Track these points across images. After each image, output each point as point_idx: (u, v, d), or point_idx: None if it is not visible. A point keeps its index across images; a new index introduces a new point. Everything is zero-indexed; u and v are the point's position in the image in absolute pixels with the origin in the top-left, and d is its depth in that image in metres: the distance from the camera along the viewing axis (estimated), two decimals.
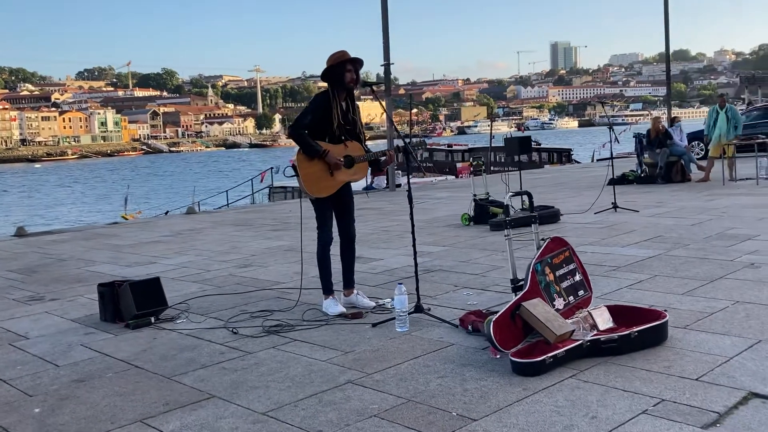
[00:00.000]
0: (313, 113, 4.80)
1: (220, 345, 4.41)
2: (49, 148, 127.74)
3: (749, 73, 25.16)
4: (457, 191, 14.39)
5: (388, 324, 4.58)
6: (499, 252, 6.97)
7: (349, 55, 4.78)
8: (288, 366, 3.93)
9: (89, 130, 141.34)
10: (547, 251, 4.15)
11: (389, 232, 8.90)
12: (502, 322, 3.72)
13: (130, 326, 4.94)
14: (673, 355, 3.70)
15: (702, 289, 5.01)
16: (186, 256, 8.05)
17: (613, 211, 9.22)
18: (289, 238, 9.01)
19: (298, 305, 5.21)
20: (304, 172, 4.81)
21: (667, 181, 12.57)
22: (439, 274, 6.11)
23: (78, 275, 7.18)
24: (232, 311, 5.23)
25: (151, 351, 4.39)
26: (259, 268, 6.99)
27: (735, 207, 9.09)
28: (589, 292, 4.30)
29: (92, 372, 4.05)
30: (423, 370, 3.71)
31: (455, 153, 31.31)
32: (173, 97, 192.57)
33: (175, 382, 3.79)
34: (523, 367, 3.52)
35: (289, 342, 4.38)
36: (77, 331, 5.00)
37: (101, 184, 60.11)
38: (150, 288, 5.13)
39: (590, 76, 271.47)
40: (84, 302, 5.90)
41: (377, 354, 4.03)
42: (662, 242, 6.89)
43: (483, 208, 8.82)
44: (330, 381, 3.65)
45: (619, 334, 3.72)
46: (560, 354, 3.58)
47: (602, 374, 3.49)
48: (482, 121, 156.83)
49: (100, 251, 8.86)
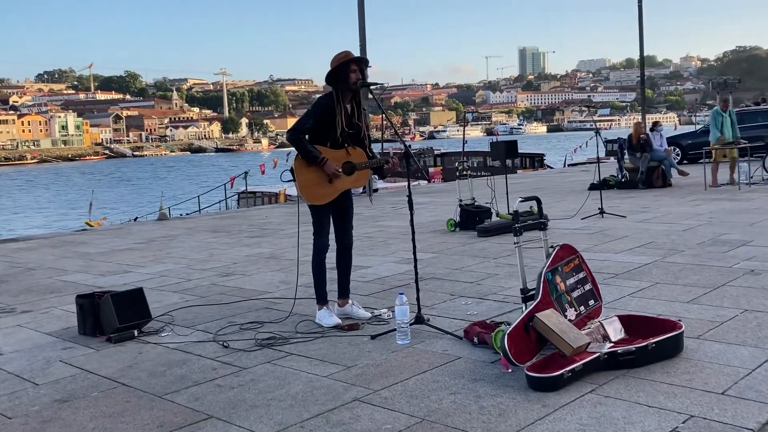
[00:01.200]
0: (316, 118, 4.58)
1: (212, 360, 4.16)
2: (7, 153, 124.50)
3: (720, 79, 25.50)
4: (437, 196, 14.26)
5: (388, 336, 4.38)
6: (490, 259, 6.82)
7: (353, 55, 4.57)
8: (288, 382, 3.70)
9: (49, 133, 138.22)
10: (557, 259, 3.99)
11: (372, 239, 8.69)
12: (516, 334, 3.55)
13: (112, 340, 4.65)
14: (692, 367, 3.56)
15: (707, 296, 4.90)
16: (163, 264, 7.73)
17: (600, 216, 9.16)
18: (268, 245, 8.75)
19: (290, 316, 4.98)
20: (301, 178, 4.58)
21: (648, 186, 12.59)
22: (433, 282, 5.93)
23: (50, 285, 6.83)
24: (219, 323, 4.97)
25: (138, 367, 4.11)
26: (242, 276, 6.72)
27: (721, 212, 9.08)
28: (599, 301, 4.15)
29: (75, 391, 3.77)
30: (433, 386, 3.51)
31: (426, 157, 31.23)
32: (137, 101, 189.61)
33: (167, 401, 3.53)
34: (541, 382, 3.35)
35: (285, 356, 4.14)
36: (55, 345, 4.69)
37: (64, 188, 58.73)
38: (133, 299, 4.84)
39: (558, 81, 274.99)
40: (59, 314, 5.58)
41: (381, 369, 3.82)
42: (656, 248, 6.81)
43: (469, 213, 8.67)
44: (335, 399, 3.43)
45: (636, 346, 3.58)
46: (578, 367, 3.42)
47: (623, 388, 3.33)
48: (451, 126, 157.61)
49: (70, 259, 8.49)
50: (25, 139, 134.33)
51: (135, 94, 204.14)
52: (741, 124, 17.28)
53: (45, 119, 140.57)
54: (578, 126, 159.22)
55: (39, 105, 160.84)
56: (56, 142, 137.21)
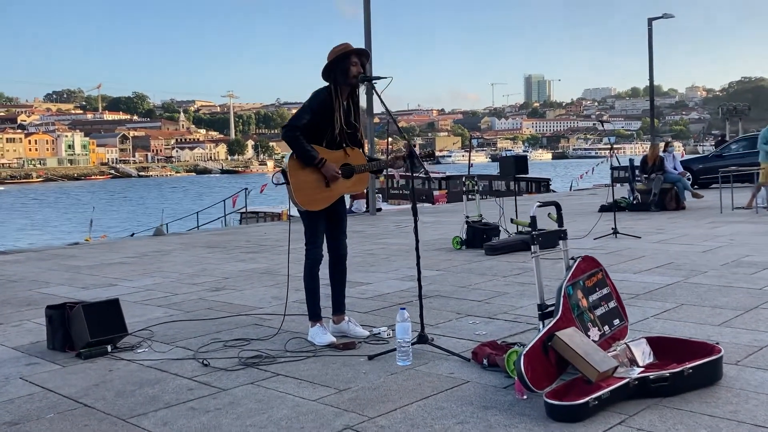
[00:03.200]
0: (313, 112, 4.14)
1: (189, 380, 3.70)
2: (14, 171, 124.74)
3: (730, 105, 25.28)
4: (441, 216, 13.82)
5: (387, 357, 3.92)
6: (500, 277, 6.36)
7: (353, 47, 4.17)
8: (270, 407, 3.23)
9: (56, 152, 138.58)
10: (578, 272, 3.54)
11: (375, 255, 8.25)
12: (533, 355, 3.09)
13: (82, 356, 4.20)
14: (734, 397, 3.10)
15: (739, 319, 4.44)
16: (151, 278, 7.29)
17: (613, 236, 8.70)
18: (264, 260, 8.31)
19: (280, 333, 4.52)
20: (295, 180, 4.14)
21: (661, 209, 12.13)
22: (438, 300, 5.47)
23: (27, 298, 6.39)
24: (202, 339, 4.52)
25: (105, 386, 3.66)
26: (233, 291, 6.28)
27: (742, 234, 8.62)
28: (625, 321, 3.69)
29: (29, 412, 3.31)
30: (437, 414, 3.05)
31: (431, 181, 30.81)
32: (144, 121, 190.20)
33: (131, 425, 3.07)
34: (563, 411, 2.88)
35: (271, 377, 3.69)
36: (18, 361, 4.24)
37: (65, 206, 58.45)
38: (107, 311, 4.40)
39: (564, 109, 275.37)
40: (31, 327, 5.13)
41: (378, 393, 3.36)
42: (677, 269, 6.34)
43: (477, 230, 8.23)
44: (323, 426, 2.97)
45: (670, 371, 3.11)
46: (605, 395, 2.96)
47: (657, 420, 2.86)
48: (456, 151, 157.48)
49: (55, 272, 8.05)
50: (31, 158, 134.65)
51: (142, 115, 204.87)
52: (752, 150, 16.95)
53: (52, 138, 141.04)
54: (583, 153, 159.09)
55: (47, 124, 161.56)
56: (62, 161, 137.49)
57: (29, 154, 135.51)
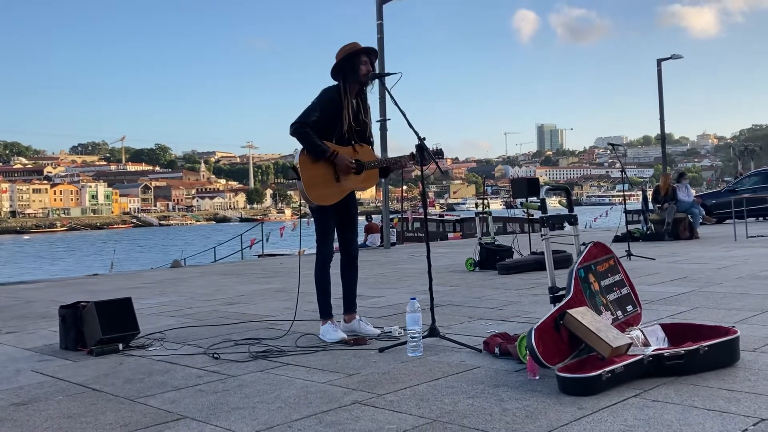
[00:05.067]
0: (322, 109, 4.19)
1: (198, 369, 3.68)
2: (39, 220, 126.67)
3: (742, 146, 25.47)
4: (455, 248, 13.78)
5: (398, 349, 3.88)
6: (513, 290, 6.31)
7: (362, 46, 4.25)
8: (279, 388, 3.20)
9: (80, 202, 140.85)
10: (590, 257, 3.51)
11: (387, 277, 8.22)
12: (546, 330, 3.04)
13: (94, 353, 4.20)
14: (752, 375, 3.02)
15: (757, 318, 4.35)
16: (167, 297, 7.32)
17: (627, 258, 8.61)
18: (278, 282, 8.31)
19: (291, 333, 4.50)
20: (306, 175, 4.18)
21: (674, 238, 12.02)
22: (450, 308, 5.43)
23: (45, 312, 6.44)
24: (213, 340, 4.51)
25: (114, 375, 3.65)
26: (246, 305, 6.27)
27: (757, 255, 8.50)
28: (638, 308, 3.64)
29: (38, 395, 3.31)
30: (447, 391, 3.00)
31: (446, 223, 30.83)
32: (166, 172, 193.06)
33: (139, 404, 3.05)
34: (576, 384, 2.82)
35: (281, 366, 3.66)
36: (31, 358, 4.26)
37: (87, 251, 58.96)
38: (119, 310, 4.42)
39: (576, 157, 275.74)
40: (45, 334, 5.16)
41: (388, 376, 3.32)
42: (692, 282, 6.26)
43: (490, 252, 8.19)
44: (332, 402, 2.93)
45: (686, 349, 3.05)
46: (618, 369, 2.90)
47: (673, 393, 2.80)
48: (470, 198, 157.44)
49: (73, 294, 8.09)
50: (56, 208, 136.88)
51: (164, 166, 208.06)
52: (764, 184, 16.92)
53: (76, 189, 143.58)
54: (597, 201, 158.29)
55: (71, 175, 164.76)
56: (86, 210, 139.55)
57: (54, 204, 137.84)
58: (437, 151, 4.46)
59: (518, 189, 10.40)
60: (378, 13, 15.66)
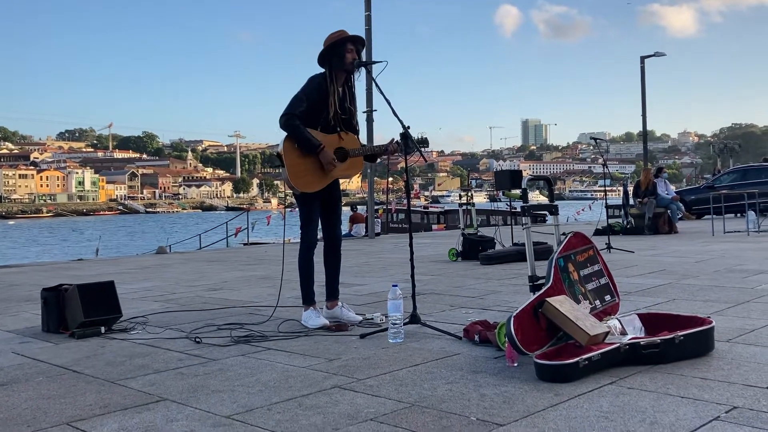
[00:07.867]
0: (309, 98, 4.19)
1: (180, 353, 3.69)
2: (25, 206, 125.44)
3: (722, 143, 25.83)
4: (439, 239, 13.82)
5: (379, 336, 3.91)
6: (494, 280, 6.35)
7: (349, 33, 4.26)
8: (260, 372, 3.22)
9: (66, 189, 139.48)
10: (569, 246, 3.55)
11: (371, 266, 8.24)
12: (524, 317, 3.08)
13: (75, 335, 4.20)
14: (726, 365, 3.07)
15: (732, 310, 4.42)
16: (151, 282, 7.30)
17: (607, 251, 8.68)
18: (263, 270, 8.31)
19: (273, 319, 4.51)
20: (290, 162, 4.19)
21: (654, 232, 12.15)
22: (432, 296, 5.46)
23: (28, 296, 6.42)
24: (196, 324, 4.51)
25: (96, 358, 3.65)
26: (230, 291, 6.28)
27: (734, 250, 8.61)
28: (616, 298, 3.68)
29: (18, 377, 3.31)
30: (426, 377, 3.03)
31: (431, 215, 30.91)
32: (153, 160, 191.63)
33: (118, 386, 3.06)
34: (552, 371, 2.86)
35: (262, 351, 3.68)
36: (12, 340, 4.24)
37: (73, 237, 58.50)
38: (102, 293, 4.41)
39: (560, 152, 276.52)
40: (27, 317, 5.15)
41: (368, 362, 3.35)
42: (669, 274, 6.33)
43: (472, 242, 8.23)
44: (312, 386, 2.95)
45: (662, 338, 3.10)
46: (595, 357, 2.94)
47: (648, 381, 2.84)
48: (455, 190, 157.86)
49: (58, 279, 8.04)
50: (42, 194, 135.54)
51: (151, 154, 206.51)
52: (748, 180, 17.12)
53: (63, 175, 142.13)
54: (579, 195, 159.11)
55: (58, 162, 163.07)
56: (72, 196, 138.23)
57: (40, 189, 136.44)
58: (422, 140, 4.47)
59: (502, 181, 10.50)
60: (366, 3, 15.63)
